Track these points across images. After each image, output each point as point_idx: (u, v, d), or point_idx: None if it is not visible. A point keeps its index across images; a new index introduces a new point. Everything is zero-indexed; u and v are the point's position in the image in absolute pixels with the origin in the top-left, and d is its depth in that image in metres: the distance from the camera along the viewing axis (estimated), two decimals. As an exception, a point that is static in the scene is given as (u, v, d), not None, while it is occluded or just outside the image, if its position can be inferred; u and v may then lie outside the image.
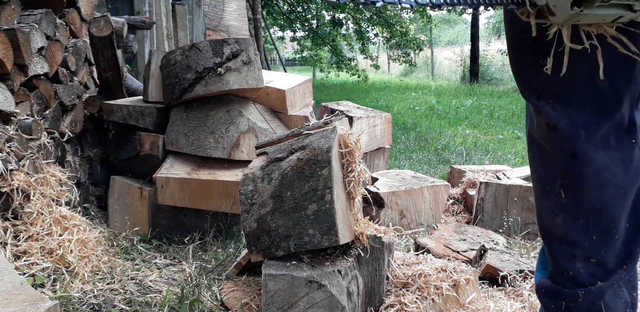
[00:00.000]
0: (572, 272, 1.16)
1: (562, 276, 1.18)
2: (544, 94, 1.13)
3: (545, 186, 1.18)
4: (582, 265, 1.15)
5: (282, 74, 3.07)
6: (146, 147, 2.52)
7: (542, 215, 1.21)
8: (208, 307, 1.73)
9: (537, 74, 1.12)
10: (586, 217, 1.13)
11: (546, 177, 1.18)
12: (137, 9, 4.09)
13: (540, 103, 1.14)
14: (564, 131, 1.11)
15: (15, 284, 1.28)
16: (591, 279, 1.15)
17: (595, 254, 1.14)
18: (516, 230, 2.61)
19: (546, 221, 1.20)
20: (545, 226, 1.21)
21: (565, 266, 1.17)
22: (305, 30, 13.41)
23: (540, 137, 1.16)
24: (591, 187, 1.11)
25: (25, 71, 2.04)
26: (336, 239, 1.50)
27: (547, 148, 1.15)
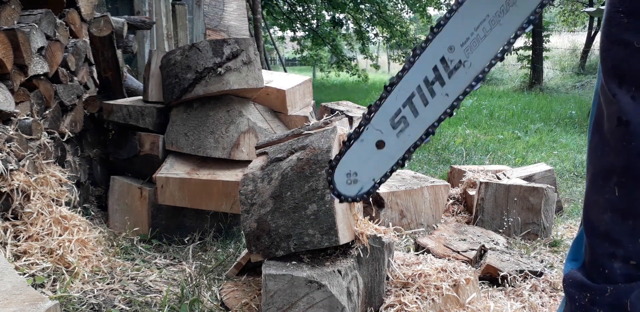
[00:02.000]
0: (607, 270, 1.14)
1: (597, 271, 1.16)
2: (627, 79, 1.04)
3: (599, 180, 1.13)
4: (620, 265, 1.12)
5: (282, 74, 3.07)
6: (146, 147, 2.52)
7: (589, 209, 1.17)
8: (208, 307, 1.73)
9: (625, 54, 1.01)
10: (636, 219, 1.09)
11: (603, 171, 1.13)
12: (137, 9, 4.09)
13: (620, 90, 1.05)
14: (637, 128, 1.03)
15: (15, 284, 1.28)
16: (624, 280, 1.12)
17: (636, 256, 1.11)
18: (516, 230, 2.61)
19: (592, 216, 1.16)
20: (590, 220, 1.17)
21: (602, 262, 1.14)
22: (306, 30, 13.41)
23: (607, 129, 1.09)
24: None
25: (25, 71, 2.04)
26: (336, 239, 1.50)
27: (612, 142, 1.09)
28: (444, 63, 1.00)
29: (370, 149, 1.06)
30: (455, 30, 0.98)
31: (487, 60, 1.02)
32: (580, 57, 12.53)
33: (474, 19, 0.98)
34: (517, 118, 7.06)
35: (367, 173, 1.08)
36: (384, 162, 1.07)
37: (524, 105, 8.17)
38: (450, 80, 1.01)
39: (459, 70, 1.01)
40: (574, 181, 3.86)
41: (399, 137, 1.05)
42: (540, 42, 11.25)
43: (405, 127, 1.04)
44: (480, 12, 0.97)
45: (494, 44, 1.00)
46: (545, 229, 2.60)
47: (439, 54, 1.00)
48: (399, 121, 1.04)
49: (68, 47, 2.51)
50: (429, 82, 1.01)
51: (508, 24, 0.98)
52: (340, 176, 1.08)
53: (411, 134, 1.05)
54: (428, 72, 1.01)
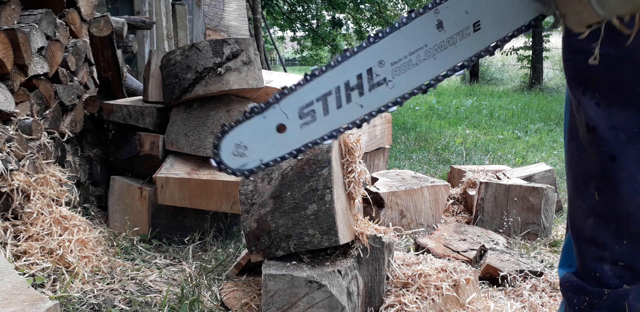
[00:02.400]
0: (599, 273, 1.15)
1: (589, 276, 1.17)
2: (590, 86, 1.06)
3: (580, 186, 1.16)
4: (609, 267, 1.14)
5: (282, 74, 3.07)
6: (146, 147, 2.52)
7: (573, 214, 1.20)
8: (208, 307, 1.73)
9: (586, 63, 1.01)
10: (618, 222, 1.11)
11: (582, 177, 1.15)
12: (137, 9, 4.09)
13: (584, 98, 1.08)
14: (603, 133, 1.06)
15: (16, 284, 1.28)
16: (617, 282, 1.14)
17: (624, 258, 1.13)
18: (516, 230, 2.61)
19: (577, 221, 1.18)
20: (575, 226, 1.19)
21: (592, 266, 1.16)
22: (306, 30, 13.42)
23: (581, 136, 1.12)
24: (625, 191, 1.09)
25: (25, 71, 2.04)
26: (336, 239, 1.50)
27: (587, 148, 1.12)
28: (369, 74, 0.97)
29: (269, 129, 1.01)
30: (392, 47, 0.95)
31: (411, 88, 0.99)
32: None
33: (412, 43, 0.95)
34: (517, 118, 7.06)
35: (257, 151, 1.02)
36: (278, 146, 1.02)
37: (524, 105, 8.17)
38: (370, 93, 0.99)
39: (381, 87, 0.98)
40: (574, 181, 3.86)
41: (302, 128, 1.01)
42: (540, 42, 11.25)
43: (312, 121, 1.00)
44: (420, 39, 0.95)
45: (423, 74, 0.97)
46: (545, 229, 2.60)
47: (367, 64, 0.97)
48: (308, 113, 1.00)
49: (68, 47, 2.51)
50: (348, 87, 0.98)
51: (442, 60, 0.96)
52: (229, 145, 1.02)
53: (314, 130, 1.01)
54: (352, 77, 0.98)
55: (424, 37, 0.94)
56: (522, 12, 0.92)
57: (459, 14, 0.92)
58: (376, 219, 2.54)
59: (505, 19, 0.93)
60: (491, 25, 0.93)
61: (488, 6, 0.92)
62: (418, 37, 0.94)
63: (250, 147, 1.02)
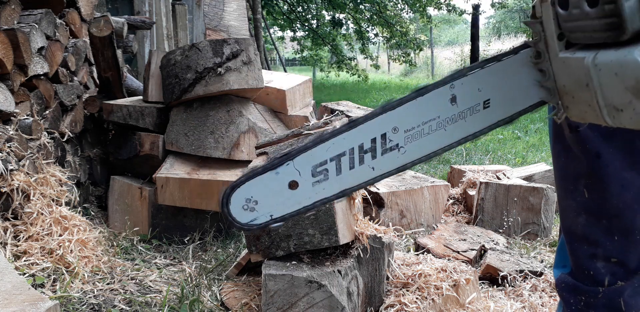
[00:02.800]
0: (592, 271, 1.17)
1: (583, 275, 1.19)
2: None
3: (569, 184, 1.19)
4: (602, 265, 1.16)
5: (282, 74, 3.07)
6: (146, 147, 2.52)
7: (564, 213, 1.22)
8: (208, 307, 1.73)
9: None
10: (608, 218, 1.13)
11: (570, 176, 1.18)
12: (137, 9, 4.09)
13: None
14: (586, 132, 1.09)
15: (16, 284, 1.28)
16: (611, 279, 1.16)
17: (616, 254, 1.15)
18: (516, 230, 2.60)
19: (568, 220, 1.20)
20: (567, 225, 1.21)
21: (585, 265, 1.18)
22: (305, 30, 13.42)
23: (567, 136, 1.16)
24: (613, 187, 1.11)
25: (25, 71, 2.04)
26: (336, 239, 1.50)
27: (573, 147, 1.15)
28: (383, 139, 1.01)
29: (281, 185, 1.03)
30: (407, 115, 1.00)
31: (420, 155, 1.02)
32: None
33: (426, 114, 0.99)
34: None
35: (267, 206, 1.04)
36: (289, 203, 1.04)
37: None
38: (382, 157, 1.02)
39: (392, 152, 1.02)
40: (574, 181, 3.86)
41: (314, 186, 1.03)
42: (540, 42, 11.24)
43: (324, 180, 1.03)
44: (434, 111, 0.99)
45: (432, 144, 1.01)
46: (545, 229, 2.60)
47: (382, 129, 1.00)
48: (321, 172, 1.02)
49: (68, 47, 2.51)
50: (362, 150, 1.02)
51: (451, 132, 1.00)
52: (239, 198, 1.03)
53: (326, 189, 1.03)
54: (366, 140, 1.01)
55: (437, 109, 0.99)
56: (529, 96, 0.98)
57: (472, 91, 0.98)
58: (376, 219, 2.54)
59: (512, 101, 0.99)
60: (499, 105, 0.99)
61: (499, 87, 0.98)
62: (432, 109, 0.99)
63: (261, 202, 1.04)
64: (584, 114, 0.86)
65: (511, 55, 0.97)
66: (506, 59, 0.97)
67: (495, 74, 0.98)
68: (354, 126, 1.01)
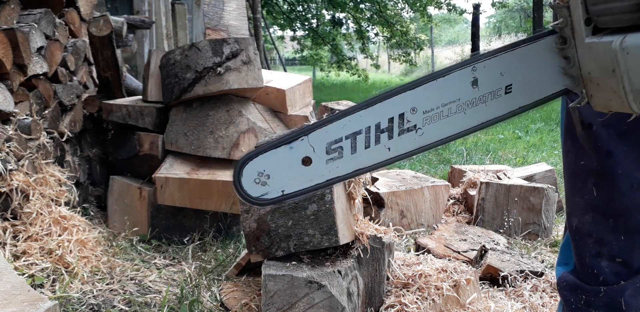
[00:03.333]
0: (596, 270, 1.16)
1: (586, 273, 1.18)
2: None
3: (578, 182, 1.18)
4: (607, 264, 1.15)
5: (281, 74, 3.06)
6: (145, 147, 2.51)
7: (571, 211, 1.21)
8: (208, 307, 1.73)
9: None
10: (616, 217, 1.13)
11: (579, 174, 1.17)
12: (136, 9, 4.08)
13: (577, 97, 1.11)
14: (598, 130, 1.09)
15: (15, 284, 1.28)
16: (614, 279, 1.15)
17: (621, 253, 1.14)
18: (517, 230, 2.60)
19: (576, 218, 1.19)
20: (573, 222, 1.20)
21: (590, 263, 1.17)
22: (306, 30, 13.41)
23: (578, 133, 1.15)
24: (623, 187, 1.10)
25: (24, 71, 2.03)
26: (336, 239, 1.50)
27: (584, 145, 1.14)
28: (401, 119, 0.98)
29: (294, 160, 1.00)
30: (426, 96, 0.97)
31: (438, 138, 0.99)
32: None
33: (446, 95, 0.97)
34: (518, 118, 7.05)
35: (279, 182, 1.01)
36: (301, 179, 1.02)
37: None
38: (398, 138, 0.99)
39: (410, 133, 0.99)
40: (575, 181, 3.85)
41: (327, 164, 1.01)
42: (540, 42, 11.24)
43: (338, 158, 1.00)
44: (455, 93, 0.96)
45: (451, 127, 0.98)
46: (545, 229, 2.59)
47: (400, 109, 0.98)
48: (335, 150, 1.00)
49: (67, 46, 2.51)
50: (379, 129, 0.99)
51: (471, 116, 0.98)
52: (251, 171, 1.01)
53: (340, 167, 1.01)
54: (383, 119, 0.99)
55: (458, 91, 0.97)
56: (552, 84, 0.95)
57: (495, 75, 0.96)
58: (376, 219, 2.53)
59: (535, 87, 0.96)
60: (522, 91, 0.96)
61: (522, 72, 0.95)
62: (453, 91, 0.97)
63: (273, 176, 1.01)
64: (609, 102, 0.84)
65: (536, 41, 0.94)
66: (530, 44, 0.94)
67: (518, 58, 0.95)
68: (372, 104, 0.98)
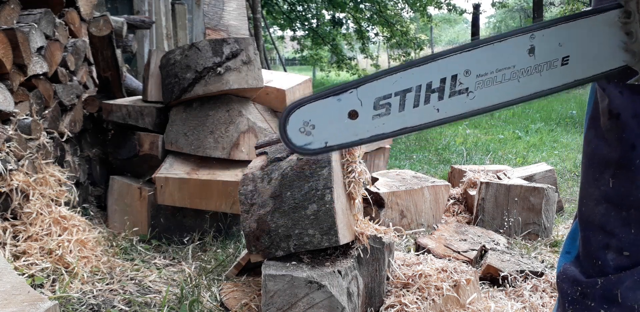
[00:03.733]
0: (601, 261, 1.16)
1: (590, 264, 1.18)
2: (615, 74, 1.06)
3: (595, 172, 1.16)
4: (613, 257, 1.15)
5: (282, 74, 3.06)
6: (145, 147, 2.51)
7: (584, 201, 1.20)
8: (208, 307, 1.73)
9: None
10: (629, 210, 1.12)
11: (598, 164, 1.16)
12: (136, 9, 4.08)
13: (609, 86, 1.08)
14: (626, 120, 1.07)
15: (15, 284, 1.28)
16: (615, 272, 1.15)
17: (629, 247, 1.13)
18: (517, 230, 2.60)
19: (587, 208, 1.19)
20: (585, 213, 1.20)
21: (596, 255, 1.17)
22: (306, 30, 13.41)
23: (602, 123, 1.13)
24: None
25: (24, 71, 2.03)
26: (336, 239, 1.50)
27: (606, 135, 1.12)
28: (453, 80, 0.96)
29: (341, 112, 0.98)
30: (482, 59, 0.95)
31: (489, 103, 0.98)
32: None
33: (501, 61, 0.95)
34: (518, 118, 7.06)
35: (324, 133, 0.99)
36: (346, 133, 0.99)
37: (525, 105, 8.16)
38: (449, 99, 0.97)
39: (461, 95, 0.97)
40: (575, 181, 3.86)
41: (373, 119, 0.98)
42: (540, 42, 11.24)
43: (385, 114, 0.97)
44: (510, 59, 0.94)
45: (503, 94, 0.96)
46: (546, 229, 2.59)
47: (454, 70, 0.95)
48: (383, 106, 0.97)
49: (67, 46, 2.51)
50: (429, 88, 0.97)
51: (524, 85, 0.96)
52: (297, 120, 0.99)
53: (386, 124, 0.98)
54: (435, 79, 0.96)
55: (514, 58, 0.95)
56: (611, 59, 0.93)
57: (553, 45, 0.93)
58: (376, 219, 2.53)
59: (593, 61, 0.94)
60: (579, 63, 0.94)
61: (581, 44, 0.93)
62: (509, 57, 0.95)
63: (318, 126, 0.99)
64: None
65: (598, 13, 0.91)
66: (593, 16, 0.91)
67: (579, 30, 0.92)
68: (426, 62, 0.96)
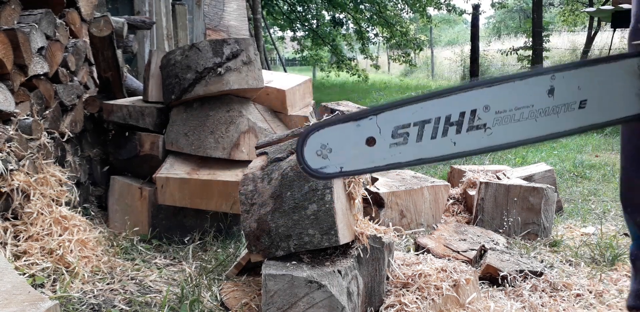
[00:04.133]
0: None
1: None
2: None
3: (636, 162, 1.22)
4: None
5: (282, 74, 3.07)
6: (146, 147, 2.52)
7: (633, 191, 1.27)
8: (208, 307, 1.73)
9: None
10: None
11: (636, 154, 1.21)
12: (137, 9, 4.09)
13: None
14: None
15: (15, 284, 1.28)
16: None
17: None
18: (516, 230, 2.60)
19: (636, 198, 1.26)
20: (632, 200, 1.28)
21: None
22: (306, 30, 13.42)
23: None
24: None
25: (25, 71, 2.04)
26: (336, 239, 1.50)
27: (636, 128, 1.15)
28: (472, 115, 0.97)
29: (359, 138, 0.99)
30: (502, 95, 0.96)
31: (504, 141, 0.99)
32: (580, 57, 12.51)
33: (521, 99, 0.96)
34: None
35: (340, 157, 1.00)
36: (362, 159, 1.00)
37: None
38: (467, 134, 0.98)
39: (478, 131, 0.98)
40: (574, 181, 3.86)
41: (390, 147, 0.99)
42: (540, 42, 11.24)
43: (402, 144, 0.99)
44: (529, 98, 0.95)
45: (521, 132, 0.97)
46: (545, 229, 2.60)
47: (474, 105, 0.96)
48: (401, 135, 0.98)
49: (68, 47, 2.51)
50: (448, 121, 0.98)
51: (541, 125, 0.97)
52: (315, 142, 0.99)
53: (402, 153, 0.99)
54: (454, 112, 0.97)
55: (533, 97, 0.96)
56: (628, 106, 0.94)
57: (572, 87, 0.95)
58: (376, 219, 2.54)
59: (610, 107, 0.95)
60: (595, 108, 0.95)
61: (600, 89, 0.94)
62: (528, 96, 0.96)
63: (335, 150, 1.00)
64: None
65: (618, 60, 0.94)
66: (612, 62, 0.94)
67: (599, 75, 0.94)
68: (446, 94, 0.97)
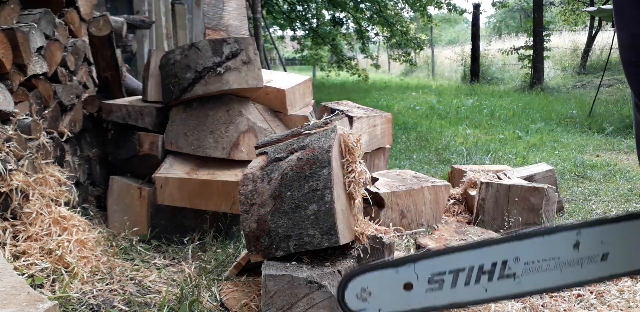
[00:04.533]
0: None
1: None
2: None
3: None
4: None
5: (281, 74, 3.06)
6: (145, 147, 2.51)
7: None
8: (207, 307, 1.72)
9: None
10: None
11: None
12: (136, 9, 4.08)
13: None
14: None
15: (15, 284, 1.27)
16: None
17: None
18: (517, 230, 2.60)
19: None
20: None
21: None
22: (306, 30, 13.42)
23: None
24: None
25: (24, 71, 2.03)
26: (336, 239, 1.50)
27: None
28: (503, 265, 1.06)
29: (397, 284, 1.07)
30: (531, 248, 1.05)
31: (532, 289, 1.07)
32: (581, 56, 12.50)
33: (549, 252, 1.04)
34: (518, 118, 7.05)
35: (378, 300, 1.08)
36: (399, 303, 1.08)
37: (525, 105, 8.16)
38: (497, 282, 1.06)
39: (508, 279, 1.06)
40: (575, 181, 3.85)
41: (426, 292, 1.07)
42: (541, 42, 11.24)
43: (437, 289, 1.06)
44: (556, 251, 1.04)
45: (546, 281, 1.05)
46: (546, 229, 2.59)
47: (505, 256, 1.05)
48: (437, 281, 1.07)
49: (67, 46, 2.50)
50: (481, 270, 1.06)
51: (566, 275, 1.04)
52: (356, 286, 1.09)
53: (437, 298, 1.07)
54: (487, 262, 1.06)
55: (560, 250, 1.05)
56: None
57: (596, 242, 1.04)
58: (376, 219, 2.53)
59: (630, 259, 1.05)
60: (617, 261, 1.05)
61: (621, 244, 1.04)
62: (556, 249, 1.05)
63: (374, 294, 1.08)
64: None
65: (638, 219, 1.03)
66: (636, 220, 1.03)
67: (620, 232, 1.03)
68: (481, 246, 1.07)
